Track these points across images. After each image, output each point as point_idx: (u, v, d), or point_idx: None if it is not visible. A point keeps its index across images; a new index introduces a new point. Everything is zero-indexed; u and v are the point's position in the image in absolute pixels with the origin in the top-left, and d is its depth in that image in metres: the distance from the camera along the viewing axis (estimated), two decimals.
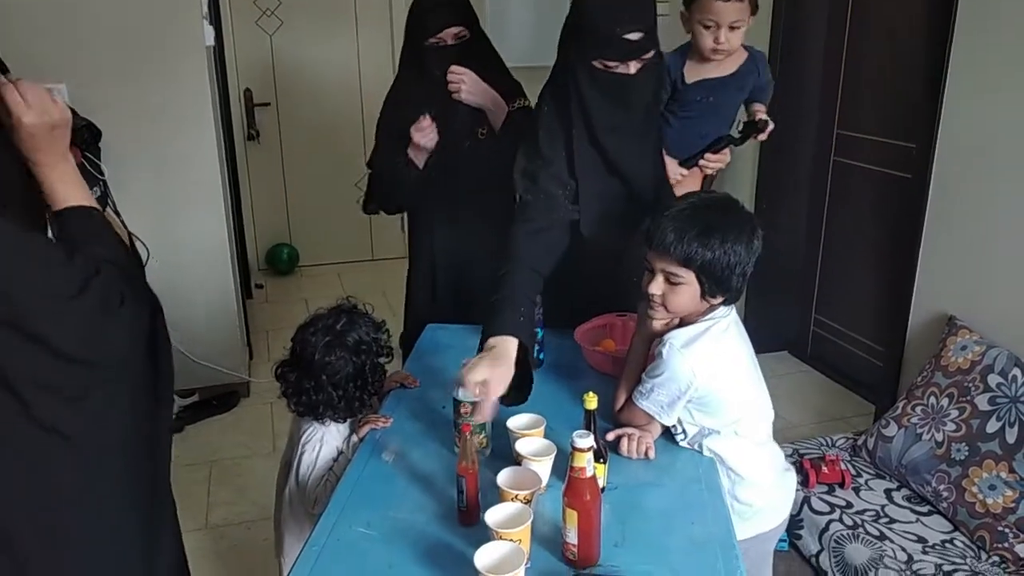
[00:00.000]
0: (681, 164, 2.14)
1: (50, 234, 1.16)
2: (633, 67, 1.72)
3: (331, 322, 1.71)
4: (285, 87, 5.02)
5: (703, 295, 1.52)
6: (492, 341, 1.59)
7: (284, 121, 5.08)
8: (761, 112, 2.18)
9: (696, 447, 1.60)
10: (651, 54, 1.72)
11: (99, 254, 1.11)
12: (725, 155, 2.17)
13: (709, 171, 2.18)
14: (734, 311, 1.61)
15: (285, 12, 4.89)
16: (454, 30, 2.18)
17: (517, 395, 1.64)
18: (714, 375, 1.52)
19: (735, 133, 2.19)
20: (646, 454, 1.57)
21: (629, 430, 1.60)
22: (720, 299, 1.54)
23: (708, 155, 2.14)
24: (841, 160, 3.55)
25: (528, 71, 2.30)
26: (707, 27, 1.99)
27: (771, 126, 2.16)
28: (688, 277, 1.50)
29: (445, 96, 2.20)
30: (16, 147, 1.09)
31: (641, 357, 1.65)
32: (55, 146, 1.12)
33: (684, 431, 1.60)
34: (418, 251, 2.44)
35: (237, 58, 4.85)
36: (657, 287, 1.53)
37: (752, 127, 2.17)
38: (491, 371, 1.51)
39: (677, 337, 1.53)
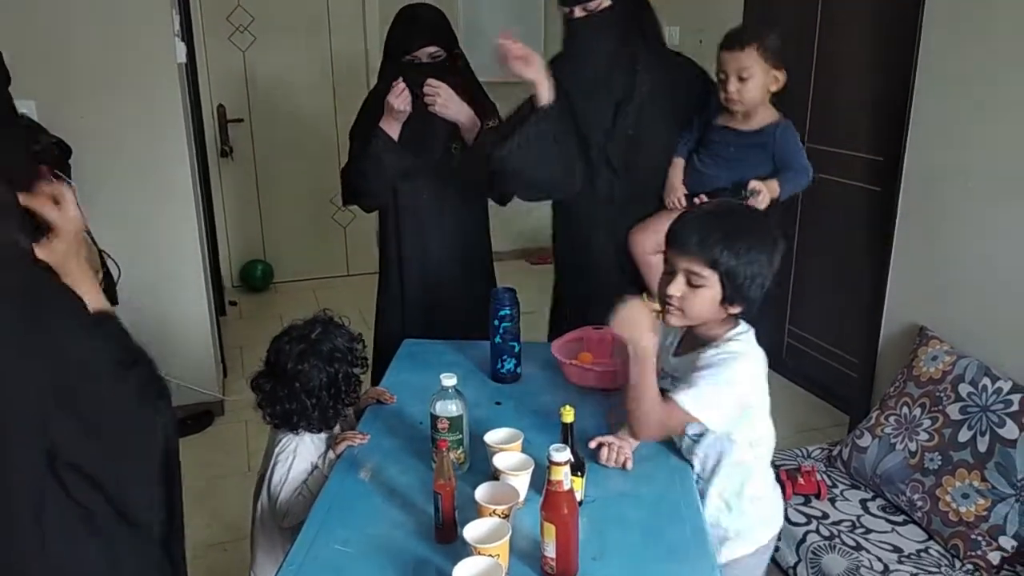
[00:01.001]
0: (684, 196, 2.14)
1: None
2: (578, 11, 2.05)
3: (306, 331, 1.72)
4: (258, 103, 5.01)
5: (723, 301, 1.48)
6: None
7: (258, 137, 5.06)
8: (757, 184, 2.00)
9: (707, 458, 1.58)
10: (601, 3, 2.02)
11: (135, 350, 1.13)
12: None
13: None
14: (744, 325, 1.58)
15: (258, 28, 4.88)
16: (430, 49, 2.24)
17: None
18: (762, 383, 1.53)
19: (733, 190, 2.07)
20: (624, 464, 1.57)
21: (610, 439, 1.60)
22: (738, 308, 1.50)
23: (705, 200, 2.08)
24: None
25: (502, 86, 2.32)
26: (720, 79, 2.03)
27: (761, 195, 1.99)
28: (711, 279, 1.46)
29: (419, 110, 2.22)
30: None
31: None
32: (81, 250, 1.13)
33: (698, 437, 1.57)
34: (388, 265, 2.46)
35: (210, 74, 4.83)
36: (677, 288, 1.48)
37: (741, 190, 2.03)
38: None
39: (735, 342, 1.52)
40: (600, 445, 1.60)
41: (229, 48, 4.87)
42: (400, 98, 2.18)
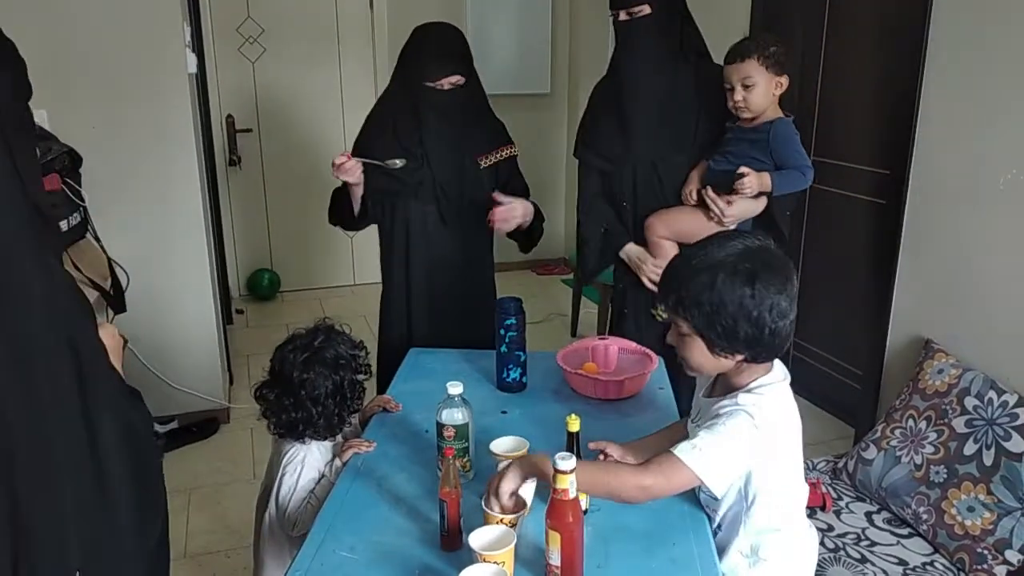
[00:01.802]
0: (696, 191, 2.29)
1: None
2: (623, 15, 2.23)
3: (309, 340, 1.73)
4: (267, 114, 5.04)
5: (711, 350, 1.37)
6: None
7: (266, 147, 5.09)
8: (744, 168, 2.17)
9: (724, 516, 1.48)
10: (642, 10, 2.20)
11: None
12: (729, 201, 2.23)
13: (715, 211, 2.24)
14: (779, 371, 1.46)
15: (267, 40, 4.92)
16: (453, 79, 2.23)
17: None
18: (777, 430, 1.39)
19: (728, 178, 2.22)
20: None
21: (609, 448, 1.59)
22: (739, 356, 1.37)
23: (709, 192, 2.25)
24: (818, 187, 3.60)
25: (510, 99, 2.35)
26: (728, 89, 2.18)
27: (748, 179, 2.15)
28: (687, 328, 1.37)
29: (427, 125, 2.24)
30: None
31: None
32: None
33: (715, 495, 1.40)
34: (392, 276, 2.47)
35: (219, 85, 4.87)
36: (671, 337, 1.43)
37: (735, 178, 2.19)
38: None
39: (739, 396, 1.39)
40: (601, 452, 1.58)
41: (239, 59, 4.91)
42: (348, 174, 2.21)
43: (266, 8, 4.87)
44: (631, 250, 2.41)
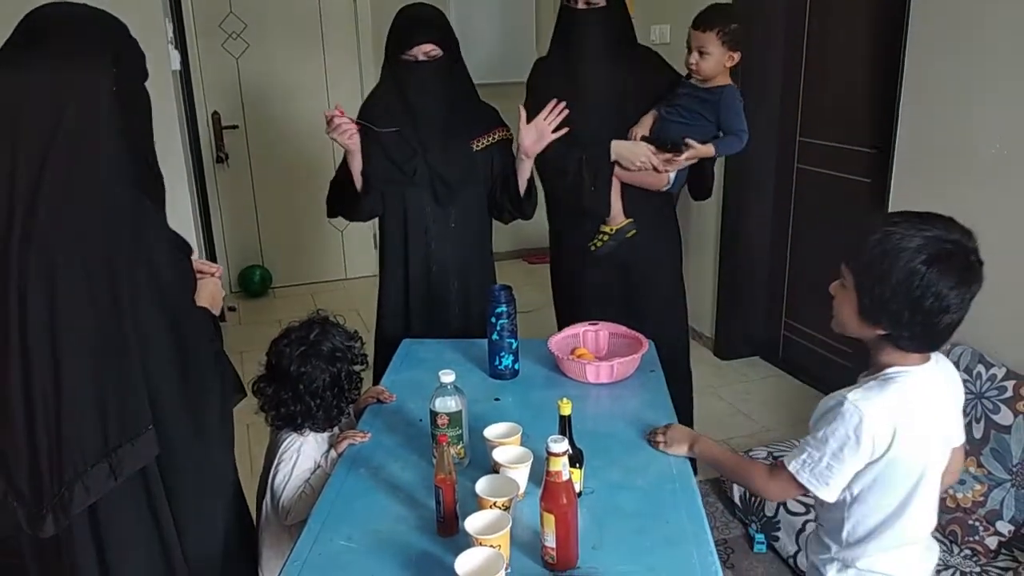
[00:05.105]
0: (643, 138, 2.44)
1: None
2: (581, 3, 2.37)
3: (304, 333, 1.73)
4: (253, 109, 5.02)
5: (860, 311, 1.35)
6: None
7: (253, 143, 5.07)
8: (690, 140, 2.37)
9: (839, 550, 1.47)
10: (599, 2, 2.35)
11: None
12: (668, 159, 2.40)
13: (654, 163, 2.42)
14: (937, 365, 1.42)
15: (251, 35, 4.90)
16: (426, 47, 2.21)
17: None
18: (898, 436, 1.33)
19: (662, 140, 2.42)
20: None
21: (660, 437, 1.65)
22: (879, 330, 1.34)
23: (655, 157, 2.42)
24: (804, 167, 3.62)
25: (494, 87, 2.34)
26: (688, 49, 2.39)
27: (689, 150, 2.36)
28: (850, 282, 1.36)
29: (422, 110, 2.23)
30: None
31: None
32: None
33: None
34: (390, 266, 2.44)
35: (204, 81, 4.84)
36: (833, 286, 1.42)
37: (667, 141, 2.40)
38: None
39: (851, 390, 1.36)
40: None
41: (222, 55, 4.88)
42: (341, 133, 2.13)
43: (248, 3, 4.84)
44: (619, 144, 2.45)
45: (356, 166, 2.24)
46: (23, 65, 1.29)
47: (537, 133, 2.22)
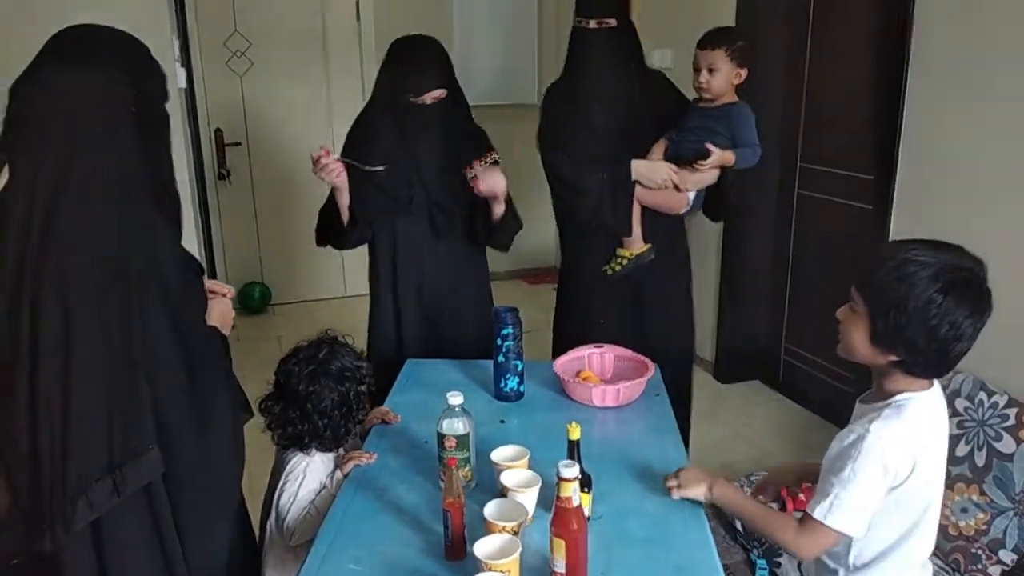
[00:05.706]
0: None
1: None
2: (592, 24, 2.39)
3: (313, 352, 1.73)
4: (255, 127, 5.04)
5: (872, 337, 1.34)
6: None
7: (255, 160, 5.08)
8: (711, 146, 2.37)
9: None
10: (610, 22, 2.38)
11: None
12: (684, 175, 2.43)
13: (677, 180, 2.45)
14: (936, 392, 1.42)
15: (255, 53, 4.92)
16: (436, 93, 2.22)
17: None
18: (917, 463, 1.34)
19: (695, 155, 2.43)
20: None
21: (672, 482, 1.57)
22: (892, 356, 1.34)
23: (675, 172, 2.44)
24: (805, 192, 3.64)
25: (496, 109, 2.35)
26: (695, 70, 2.42)
27: (712, 156, 2.36)
28: (862, 308, 1.35)
29: (413, 141, 2.24)
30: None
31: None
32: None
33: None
34: (380, 291, 2.45)
35: (208, 99, 4.86)
36: (841, 311, 1.41)
37: (687, 154, 2.42)
38: None
39: (870, 421, 1.36)
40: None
41: (226, 73, 4.90)
42: (328, 172, 2.20)
43: (253, 22, 4.87)
44: (639, 163, 2.45)
45: (344, 201, 2.28)
46: (46, 80, 1.32)
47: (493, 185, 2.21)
